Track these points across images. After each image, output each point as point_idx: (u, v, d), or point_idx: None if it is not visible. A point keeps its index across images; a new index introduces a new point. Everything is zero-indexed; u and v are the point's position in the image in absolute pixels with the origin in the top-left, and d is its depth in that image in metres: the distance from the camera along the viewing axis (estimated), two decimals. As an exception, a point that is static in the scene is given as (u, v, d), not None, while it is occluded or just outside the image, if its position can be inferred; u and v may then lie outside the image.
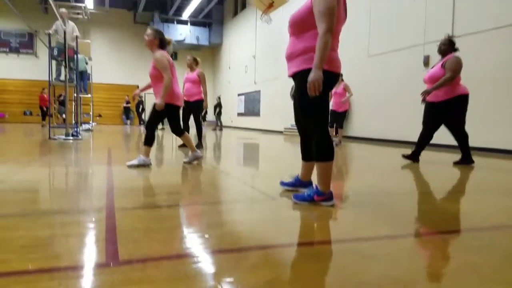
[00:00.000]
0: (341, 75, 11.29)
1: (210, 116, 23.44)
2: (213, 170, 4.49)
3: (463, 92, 5.12)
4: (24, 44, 22.72)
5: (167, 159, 5.55)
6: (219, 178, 3.99)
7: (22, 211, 2.29)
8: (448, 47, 5.21)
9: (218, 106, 19.66)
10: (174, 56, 26.31)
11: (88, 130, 13.40)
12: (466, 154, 5.36)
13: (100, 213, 2.27)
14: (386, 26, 10.42)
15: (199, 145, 7.23)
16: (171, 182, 3.56)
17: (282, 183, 3.17)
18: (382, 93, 10.45)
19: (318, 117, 2.59)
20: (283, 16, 14.74)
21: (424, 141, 5.42)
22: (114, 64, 24.63)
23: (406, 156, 5.63)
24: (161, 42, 4.42)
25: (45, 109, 17.58)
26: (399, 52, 9.95)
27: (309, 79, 2.38)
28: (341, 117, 9.03)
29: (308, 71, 2.46)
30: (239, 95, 22.68)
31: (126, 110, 24.02)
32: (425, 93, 5.11)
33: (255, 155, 6.94)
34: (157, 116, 4.49)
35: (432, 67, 5.41)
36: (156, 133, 4.59)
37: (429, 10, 9.06)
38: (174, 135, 11.43)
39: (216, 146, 8.58)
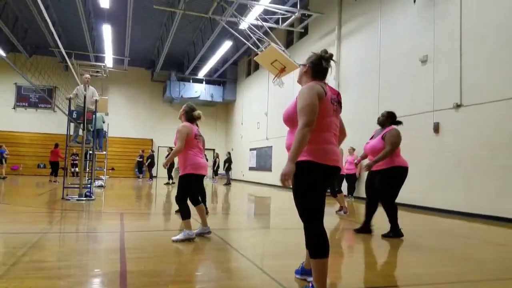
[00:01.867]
0: (353, 148, 11.66)
1: (220, 169, 23.86)
2: (221, 245, 4.70)
3: (401, 164, 5.33)
4: (43, 99, 24.03)
5: (173, 224, 5.80)
6: (227, 256, 4.15)
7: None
8: (386, 119, 5.52)
9: (228, 161, 20.14)
10: (189, 111, 27.32)
11: (100, 186, 13.85)
12: (394, 227, 5.34)
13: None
14: (395, 91, 10.91)
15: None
16: (178, 260, 3.80)
17: (296, 271, 3.17)
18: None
19: (306, 210, 2.60)
20: (294, 78, 15.49)
21: (393, 211, 5.42)
22: (130, 119, 25.68)
23: (357, 230, 5.64)
24: (188, 115, 4.91)
25: (58, 164, 17.50)
26: (408, 118, 10.31)
27: (282, 171, 2.47)
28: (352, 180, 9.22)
29: (299, 163, 2.54)
30: (251, 149, 23.19)
31: (139, 164, 24.66)
32: (368, 167, 5.27)
33: (266, 220, 7.11)
34: (184, 187, 4.68)
35: (371, 138, 5.63)
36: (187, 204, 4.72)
37: (437, 78, 9.51)
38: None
39: (227, 207, 8.81)
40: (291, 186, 2.61)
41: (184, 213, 4.66)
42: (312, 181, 2.57)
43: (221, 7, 14.28)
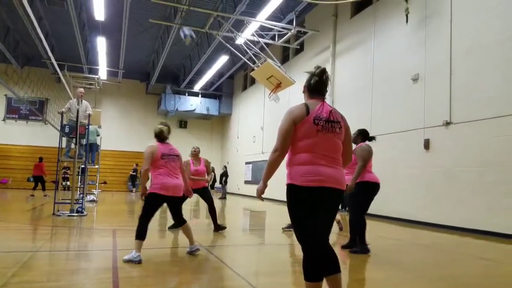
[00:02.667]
0: None
1: (217, 183, 23.96)
2: (216, 263, 4.82)
3: (371, 180, 5.51)
4: (33, 111, 24.07)
5: (167, 241, 5.90)
6: (221, 275, 4.28)
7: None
8: (357, 136, 5.85)
9: (225, 175, 20.27)
10: (184, 124, 27.54)
11: (92, 201, 13.89)
12: (362, 241, 5.50)
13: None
14: (388, 109, 11.21)
15: (217, 227, 7.35)
16: (172, 280, 3.91)
17: None
18: (385, 172, 10.90)
19: (297, 234, 2.71)
20: (290, 93, 15.75)
21: (362, 226, 5.58)
22: (123, 132, 25.77)
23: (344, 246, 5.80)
24: (157, 136, 4.94)
25: (41, 179, 16.79)
26: (400, 134, 10.58)
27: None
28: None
29: (287, 185, 2.69)
30: (246, 163, 23.35)
31: (133, 177, 24.69)
32: (350, 188, 5.37)
33: (260, 236, 7.19)
34: (146, 206, 4.69)
35: None
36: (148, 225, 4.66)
37: (427, 96, 9.84)
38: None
39: (222, 222, 8.89)
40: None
41: (137, 233, 4.55)
42: (294, 204, 2.67)
43: (218, 22, 14.58)
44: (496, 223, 7.85)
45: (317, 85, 2.83)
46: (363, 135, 5.88)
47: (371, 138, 5.86)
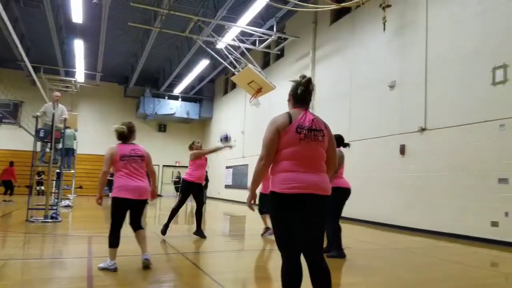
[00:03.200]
0: None
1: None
2: (193, 270, 4.84)
3: (343, 185, 5.65)
4: (8, 114, 23.51)
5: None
6: (199, 283, 4.30)
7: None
8: None
9: (205, 179, 20.18)
10: (163, 128, 27.38)
11: (67, 206, 13.67)
12: (338, 246, 5.61)
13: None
14: (365, 115, 11.49)
15: (199, 231, 7.25)
16: None
17: None
18: (364, 177, 11.13)
19: (277, 240, 2.77)
20: (271, 98, 15.87)
21: (337, 231, 5.67)
22: (100, 136, 25.39)
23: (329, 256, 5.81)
24: (119, 136, 4.80)
25: (11, 183, 16.59)
26: (377, 140, 10.86)
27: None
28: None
29: (270, 192, 2.77)
30: (227, 167, 23.37)
31: (110, 182, 24.36)
32: None
33: (240, 242, 7.21)
34: (113, 212, 4.55)
35: None
36: (120, 232, 4.54)
37: (404, 103, 10.15)
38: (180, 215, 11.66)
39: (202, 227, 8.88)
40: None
41: (109, 241, 4.46)
42: (276, 210, 2.74)
43: (199, 26, 14.61)
44: (466, 227, 8.18)
45: (303, 94, 2.90)
46: (337, 141, 6.02)
47: (346, 145, 5.98)
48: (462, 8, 8.79)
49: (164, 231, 7.16)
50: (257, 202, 3.08)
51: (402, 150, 10.00)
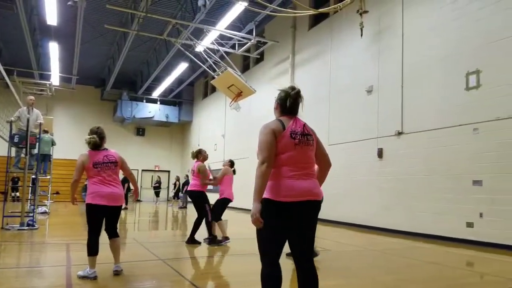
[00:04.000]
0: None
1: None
2: (175, 277, 4.87)
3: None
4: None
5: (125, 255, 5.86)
6: None
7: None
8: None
9: (187, 183, 20.14)
10: (142, 132, 27.13)
11: (44, 213, 13.45)
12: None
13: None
14: (344, 119, 11.74)
15: (212, 239, 7.34)
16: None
17: None
18: (343, 180, 11.34)
19: (259, 246, 2.77)
20: (251, 102, 16.00)
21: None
22: (77, 140, 24.83)
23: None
24: (93, 146, 4.71)
25: None
26: (356, 143, 11.13)
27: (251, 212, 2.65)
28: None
29: (264, 200, 2.69)
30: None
31: (86, 187, 24.03)
32: None
33: (222, 247, 7.20)
34: (88, 220, 4.54)
35: None
36: (99, 239, 4.53)
37: (381, 107, 10.41)
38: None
39: (182, 233, 8.89)
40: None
41: (88, 249, 4.44)
42: (266, 217, 2.65)
43: (177, 29, 14.60)
44: (443, 228, 8.47)
45: (292, 106, 2.95)
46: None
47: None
48: (436, 16, 9.09)
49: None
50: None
51: (380, 154, 10.26)
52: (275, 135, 2.77)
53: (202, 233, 7.58)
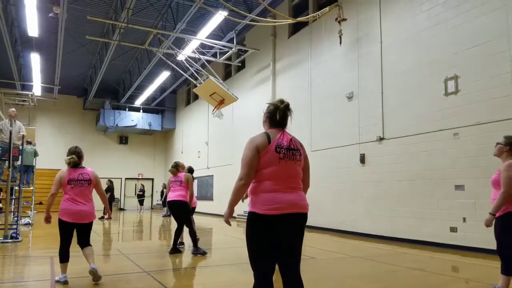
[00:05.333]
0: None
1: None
2: None
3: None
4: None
5: (112, 266, 5.79)
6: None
7: None
8: None
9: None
10: (125, 140, 26.86)
11: (27, 224, 13.19)
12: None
13: None
14: (326, 125, 11.78)
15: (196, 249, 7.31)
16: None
17: None
18: (325, 187, 11.42)
19: (250, 261, 2.79)
20: (234, 109, 16.05)
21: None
22: (59, 150, 24.50)
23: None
24: (74, 165, 5.00)
25: None
26: (338, 149, 11.18)
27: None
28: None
29: (249, 213, 2.80)
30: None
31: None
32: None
33: (207, 256, 7.19)
34: (59, 231, 4.90)
35: None
36: (69, 248, 4.89)
37: (362, 113, 10.47)
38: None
39: (165, 243, 8.81)
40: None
41: (59, 257, 4.85)
42: (249, 231, 2.76)
43: (158, 39, 14.56)
44: (427, 233, 8.47)
45: (281, 119, 2.98)
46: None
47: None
48: (413, 23, 9.19)
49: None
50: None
51: (362, 159, 10.27)
52: (258, 151, 2.78)
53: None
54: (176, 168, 7.73)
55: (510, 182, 3.99)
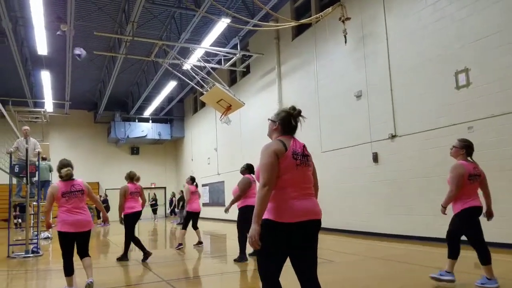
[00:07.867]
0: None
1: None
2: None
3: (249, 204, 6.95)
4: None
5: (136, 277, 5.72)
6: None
7: None
8: (244, 170, 7.35)
9: (182, 199, 19.92)
10: (136, 151, 26.95)
11: (47, 238, 13.23)
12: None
13: None
14: (335, 126, 11.57)
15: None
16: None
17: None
18: (338, 187, 11.27)
19: (259, 269, 2.72)
20: (241, 115, 15.99)
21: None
22: (73, 164, 24.71)
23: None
24: (69, 177, 5.18)
25: None
26: (350, 149, 10.97)
27: (249, 234, 2.59)
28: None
29: (264, 220, 2.64)
30: (203, 185, 23.08)
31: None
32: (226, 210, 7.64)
33: (222, 264, 7.09)
34: (60, 244, 4.92)
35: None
36: (72, 261, 4.93)
37: (372, 112, 10.22)
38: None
39: (183, 250, 8.74)
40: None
41: (64, 270, 4.86)
42: (266, 239, 2.60)
43: (163, 50, 14.58)
44: (440, 230, 8.26)
45: (295, 126, 2.92)
46: (249, 169, 7.25)
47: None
48: (418, 18, 8.96)
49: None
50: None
51: (375, 158, 10.01)
52: (277, 157, 2.70)
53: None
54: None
55: (454, 181, 4.64)
